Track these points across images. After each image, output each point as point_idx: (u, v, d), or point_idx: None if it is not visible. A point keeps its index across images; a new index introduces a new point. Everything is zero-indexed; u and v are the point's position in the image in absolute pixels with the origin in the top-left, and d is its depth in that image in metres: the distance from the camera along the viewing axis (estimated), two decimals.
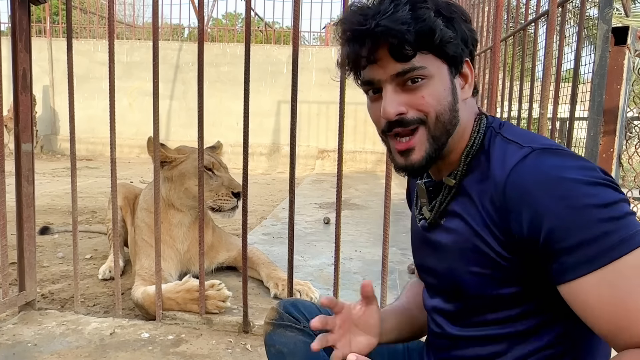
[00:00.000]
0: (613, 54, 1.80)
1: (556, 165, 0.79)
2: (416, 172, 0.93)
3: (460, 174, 0.93)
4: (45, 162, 9.00)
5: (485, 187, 0.87)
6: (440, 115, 0.88)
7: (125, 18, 12.92)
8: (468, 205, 0.90)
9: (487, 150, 0.90)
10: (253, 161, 9.14)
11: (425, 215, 1.00)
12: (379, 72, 0.88)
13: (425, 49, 0.85)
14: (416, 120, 0.88)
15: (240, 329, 2.16)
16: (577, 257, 0.75)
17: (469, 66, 0.93)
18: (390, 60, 0.86)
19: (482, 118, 0.95)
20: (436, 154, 0.90)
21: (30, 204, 2.26)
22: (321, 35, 12.81)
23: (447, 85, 0.88)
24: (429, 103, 0.87)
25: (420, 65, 0.85)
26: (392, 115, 0.87)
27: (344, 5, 2.01)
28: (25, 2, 2.19)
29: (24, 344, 1.99)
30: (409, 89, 0.87)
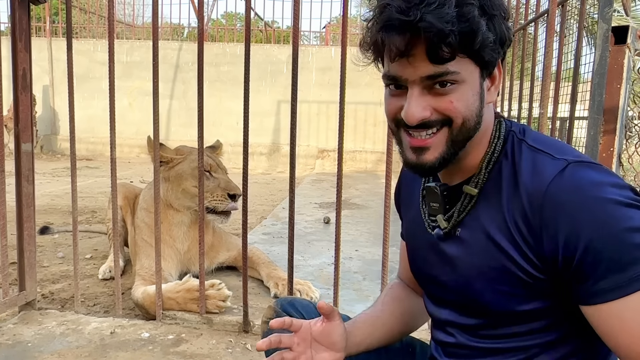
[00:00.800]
0: (613, 53, 1.80)
1: (595, 182, 0.76)
2: (426, 172, 0.88)
3: (482, 182, 0.88)
4: (45, 162, 9.00)
5: (514, 200, 0.82)
6: (467, 121, 0.83)
7: (125, 18, 12.92)
8: (492, 218, 0.85)
9: (511, 158, 0.86)
10: (253, 161, 9.14)
11: (441, 225, 0.93)
12: (409, 71, 0.81)
13: (463, 52, 0.79)
14: (440, 122, 0.83)
15: (240, 328, 2.16)
16: (608, 282, 0.74)
17: (499, 67, 0.87)
18: (424, 59, 0.79)
19: (501, 122, 0.91)
20: (452, 157, 0.86)
21: (30, 204, 2.26)
22: (321, 34, 12.81)
23: (476, 90, 0.83)
24: (457, 109, 0.82)
25: (454, 70, 0.79)
26: (416, 120, 0.82)
27: (343, 6, 2.01)
28: (25, 1, 2.19)
29: (24, 344, 1.99)
30: (437, 92, 0.81)
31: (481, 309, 0.89)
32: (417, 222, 1.03)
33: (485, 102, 0.86)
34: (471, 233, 0.89)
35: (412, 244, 1.07)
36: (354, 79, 9.15)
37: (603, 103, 1.81)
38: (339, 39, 11.53)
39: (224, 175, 2.63)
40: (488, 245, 0.85)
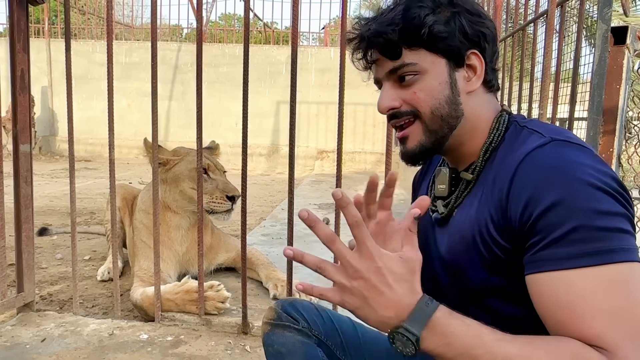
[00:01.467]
0: (612, 54, 1.80)
1: (572, 159, 0.76)
2: (410, 159, 0.95)
3: (479, 169, 0.92)
4: (43, 163, 8.99)
5: (499, 175, 0.86)
6: (436, 109, 0.89)
7: (123, 19, 12.92)
8: (479, 197, 0.89)
9: (508, 143, 0.89)
10: (252, 162, 9.14)
11: (439, 209, 0.98)
12: (379, 71, 0.94)
13: (414, 45, 0.88)
14: (409, 113, 0.91)
15: (239, 330, 2.16)
16: (550, 253, 0.74)
17: (478, 58, 0.91)
18: (384, 58, 0.91)
19: (502, 114, 0.94)
20: (434, 145, 0.92)
21: (28, 205, 2.26)
22: (320, 35, 12.82)
23: (443, 79, 0.89)
24: (420, 98, 0.89)
25: (410, 62, 0.89)
26: (384, 109, 0.93)
27: (343, 7, 2.01)
28: (24, 2, 2.18)
29: (22, 346, 1.98)
30: (402, 85, 0.91)
31: (464, 284, 0.91)
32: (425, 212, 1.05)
33: (464, 91, 0.91)
34: (463, 215, 0.92)
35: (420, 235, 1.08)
36: (353, 79, 9.09)
37: (602, 104, 1.81)
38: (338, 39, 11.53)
39: (221, 176, 2.62)
40: (471, 220, 0.88)
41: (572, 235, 0.72)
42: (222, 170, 2.67)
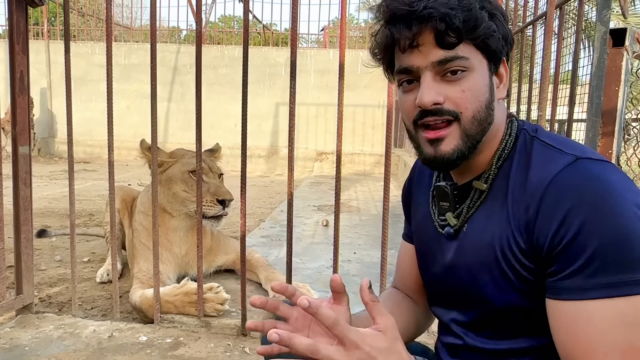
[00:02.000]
0: (611, 56, 1.80)
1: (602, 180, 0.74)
2: (445, 165, 0.87)
3: (492, 178, 0.88)
4: (42, 165, 8.98)
5: (520, 192, 0.82)
6: (477, 113, 0.83)
7: (122, 20, 12.92)
8: (497, 212, 0.85)
9: (521, 154, 0.86)
10: (251, 163, 9.13)
11: (450, 222, 0.93)
12: (419, 59, 0.82)
13: (469, 38, 0.81)
14: (451, 113, 0.83)
15: (238, 332, 2.15)
16: (574, 281, 0.72)
17: (504, 66, 0.89)
18: (434, 46, 0.81)
19: (512, 121, 0.91)
20: (469, 151, 0.85)
21: (27, 207, 2.25)
22: (319, 37, 12.83)
23: (486, 81, 0.85)
24: (468, 99, 0.82)
25: (463, 55, 0.81)
26: (429, 103, 0.82)
27: (342, 9, 2.01)
28: (23, 4, 2.18)
29: (21, 348, 1.98)
30: (448, 80, 0.82)
31: (484, 304, 0.88)
32: (427, 222, 1.02)
33: (496, 98, 0.87)
34: (477, 228, 0.88)
35: (421, 244, 1.05)
36: (352, 81, 9.15)
37: (601, 105, 1.81)
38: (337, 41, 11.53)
39: (214, 179, 2.59)
40: (491, 238, 0.85)
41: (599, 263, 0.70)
42: (217, 173, 2.65)
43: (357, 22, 18.33)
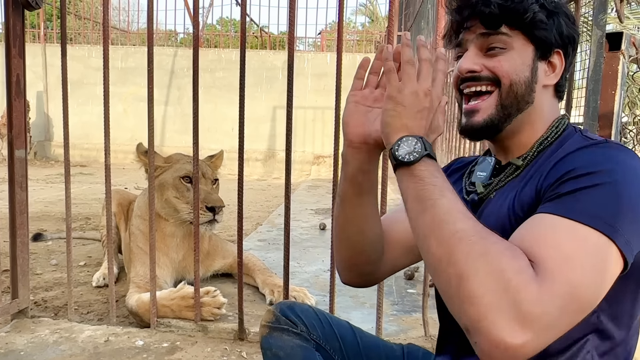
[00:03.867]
0: (607, 60, 1.81)
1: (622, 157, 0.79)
2: (474, 133, 0.96)
3: (530, 158, 0.94)
4: (38, 169, 8.95)
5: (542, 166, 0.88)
6: (514, 84, 0.92)
7: (119, 24, 12.92)
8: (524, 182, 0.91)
9: (561, 142, 0.92)
10: (248, 167, 9.12)
11: (478, 189, 0.99)
12: (469, 35, 0.95)
13: (514, 25, 0.91)
14: (490, 79, 0.93)
15: (235, 336, 2.14)
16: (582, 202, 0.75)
17: (560, 58, 0.96)
18: (480, 27, 0.93)
19: (564, 118, 0.98)
20: (500, 123, 0.93)
21: (23, 211, 2.24)
22: (316, 41, 12.86)
23: (527, 62, 0.93)
24: (504, 68, 0.92)
25: (506, 32, 0.91)
26: (464, 70, 0.94)
27: (339, 12, 2.01)
28: (19, 7, 2.18)
29: (16, 353, 1.96)
30: (489, 54, 0.93)
31: None
32: None
33: (541, 83, 0.94)
34: (499, 199, 0.94)
35: None
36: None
37: (598, 109, 1.82)
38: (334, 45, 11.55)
39: (207, 185, 2.57)
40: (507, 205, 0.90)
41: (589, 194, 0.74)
42: (211, 179, 2.62)
43: (355, 25, 18.38)
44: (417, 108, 0.83)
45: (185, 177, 2.53)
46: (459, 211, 0.75)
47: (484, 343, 0.68)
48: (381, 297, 2.06)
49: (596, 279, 0.70)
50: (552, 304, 0.67)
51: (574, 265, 0.69)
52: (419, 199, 0.78)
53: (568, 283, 0.68)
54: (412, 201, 0.79)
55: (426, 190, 0.78)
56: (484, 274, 0.68)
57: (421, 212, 0.77)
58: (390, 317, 2.38)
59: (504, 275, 0.68)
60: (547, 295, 0.67)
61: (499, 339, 0.66)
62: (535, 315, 0.66)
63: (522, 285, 0.67)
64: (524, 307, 0.66)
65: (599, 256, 0.71)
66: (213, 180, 2.64)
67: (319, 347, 1.14)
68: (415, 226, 0.79)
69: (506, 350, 0.66)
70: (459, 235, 0.72)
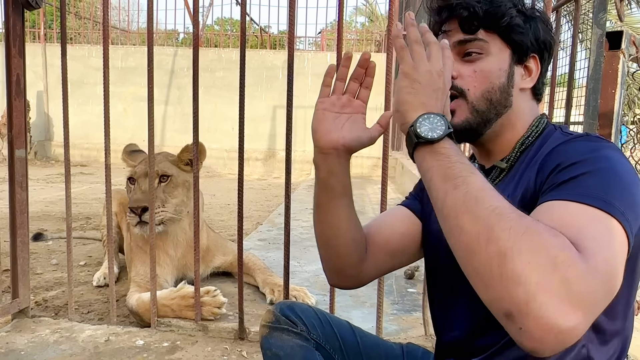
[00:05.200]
0: (607, 59, 1.81)
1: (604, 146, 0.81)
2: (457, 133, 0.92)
3: (513, 160, 0.96)
4: (39, 168, 8.96)
5: (529, 165, 0.90)
6: (486, 92, 0.93)
7: (119, 23, 12.91)
8: (508, 188, 0.92)
9: (542, 140, 0.94)
10: (249, 166, 9.12)
11: None
12: (446, 39, 0.94)
13: (491, 28, 0.93)
14: (457, 89, 0.93)
15: (236, 335, 2.15)
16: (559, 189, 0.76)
17: (536, 63, 0.97)
18: (458, 31, 0.94)
19: (543, 117, 0.99)
20: (479, 127, 0.95)
21: (23, 211, 2.24)
22: (316, 40, 12.85)
23: (503, 67, 0.94)
24: (477, 78, 0.93)
25: (482, 38, 0.93)
26: None
27: (339, 12, 2.01)
28: (19, 7, 2.18)
29: (17, 352, 1.96)
30: (465, 60, 0.94)
31: None
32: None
33: (518, 86, 0.96)
34: None
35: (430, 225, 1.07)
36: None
37: (598, 108, 1.82)
38: (334, 44, 11.55)
39: (140, 185, 2.40)
40: None
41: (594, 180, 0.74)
42: (156, 177, 2.37)
43: (355, 25, 18.37)
44: (433, 87, 0.82)
45: (131, 177, 2.47)
46: (491, 189, 0.73)
47: (533, 327, 0.61)
48: (381, 297, 2.06)
49: (618, 258, 0.69)
50: (598, 281, 0.63)
51: (602, 244, 0.67)
52: (447, 177, 0.75)
53: (605, 261, 0.65)
54: (439, 180, 0.75)
55: (455, 167, 0.75)
56: (529, 251, 0.63)
57: (451, 189, 0.73)
58: (390, 316, 2.38)
59: (550, 252, 0.63)
60: (592, 273, 0.63)
61: (552, 322, 0.60)
62: (584, 294, 0.61)
63: (570, 262, 0.62)
64: (573, 286, 0.61)
65: (616, 238, 0.69)
66: (160, 177, 2.44)
67: (319, 347, 1.14)
68: (443, 206, 0.74)
69: (559, 334, 0.60)
70: (498, 211, 0.68)
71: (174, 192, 2.48)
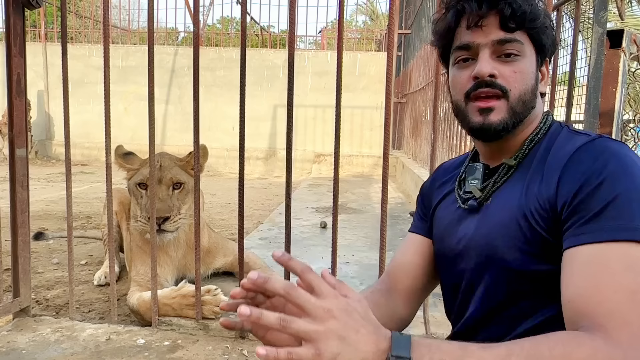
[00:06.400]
0: (608, 57, 1.81)
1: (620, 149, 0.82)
2: (492, 133, 0.94)
3: (522, 156, 0.95)
4: (39, 168, 8.96)
5: (542, 166, 0.90)
6: (523, 94, 0.92)
7: (120, 22, 12.91)
8: (520, 184, 0.92)
9: (550, 138, 0.94)
10: (249, 165, 9.12)
11: (475, 194, 0.98)
12: (481, 37, 0.92)
13: (528, 28, 0.91)
14: (502, 88, 0.91)
15: (237, 334, 2.15)
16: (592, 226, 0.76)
17: (546, 66, 0.99)
18: (496, 27, 0.91)
19: (549, 114, 1.00)
20: (513, 126, 0.93)
21: (24, 210, 2.25)
22: (317, 39, 12.84)
23: (534, 70, 0.94)
24: (517, 79, 0.91)
25: (520, 39, 0.91)
26: (486, 73, 0.90)
27: (339, 11, 2.01)
28: (20, 6, 2.18)
29: (18, 351, 1.97)
30: (503, 61, 0.92)
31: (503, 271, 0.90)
32: (451, 206, 1.06)
33: (539, 88, 0.96)
34: (499, 200, 0.94)
35: (441, 227, 1.07)
36: (350, 83, 9.15)
37: (599, 107, 1.82)
38: (334, 43, 11.54)
39: (159, 192, 2.35)
40: (512, 206, 0.90)
41: (618, 209, 0.75)
42: (169, 184, 2.41)
43: (355, 23, 18.37)
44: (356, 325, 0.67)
45: (141, 183, 2.42)
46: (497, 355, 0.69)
47: None
48: None
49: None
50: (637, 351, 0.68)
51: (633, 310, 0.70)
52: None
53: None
54: None
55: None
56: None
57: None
58: None
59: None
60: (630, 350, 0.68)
61: None
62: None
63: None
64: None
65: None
66: (173, 185, 2.43)
67: None
68: None
69: None
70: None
71: (186, 199, 2.47)
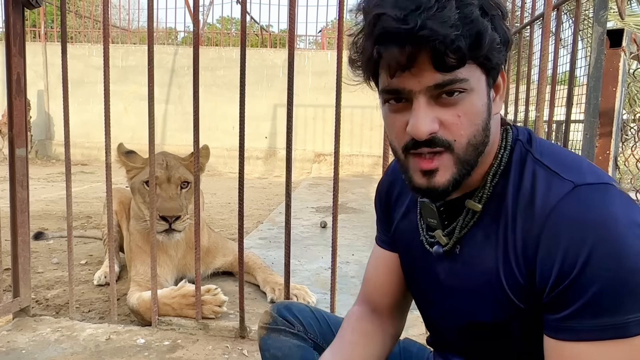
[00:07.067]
0: (608, 57, 1.80)
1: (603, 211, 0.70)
2: (438, 196, 0.80)
3: (486, 197, 0.82)
4: (39, 167, 8.96)
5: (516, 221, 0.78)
6: (472, 138, 0.76)
7: (120, 22, 12.91)
8: (494, 237, 0.81)
9: (516, 172, 0.81)
10: (249, 165, 9.12)
11: (441, 241, 0.88)
12: (413, 82, 0.73)
13: (472, 58, 0.72)
14: (444, 143, 0.75)
15: (236, 334, 2.15)
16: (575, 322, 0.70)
17: (502, 75, 0.81)
18: (429, 69, 0.72)
19: (507, 130, 0.85)
20: (463, 178, 0.79)
21: (24, 210, 2.24)
22: (317, 39, 12.84)
23: (484, 101, 0.76)
24: (463, 124, 0.75)
25: (463, 77, 0.73)
26: (425, 134, 0.74)
27: (339, 10, 2.01)
28: (20, 6, 2.18)
29: (18, 351, 1.97)
30: (444, 102, 0.74)
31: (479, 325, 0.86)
32: (413, 235, 0.96)
33: (492, 114, 0.79)
34: (471, 251, 0.84)
35: (408, 256, 1.00)
36: None
37: (599, 106, 1.82)
38: (334, 43, 11.53)
39: (168, 191, 2.39)
40: (489, 265, 0.81)
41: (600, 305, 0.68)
42: (177, 183, 2.43)
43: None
44: None
45: (148, 181, 2.38)
46: None
47: None
48: None
49: None
50: None
51: None
52: None
53: None
54: None
55: None
56: None
57: None
58: None
59: None
60: None
61: None
62: None
63: None
64: None
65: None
66: (181, 184, 2.45)
67: (317, 346, 1.14)
68: None
69: None
70: None
71: (191, 198, 2.48)
